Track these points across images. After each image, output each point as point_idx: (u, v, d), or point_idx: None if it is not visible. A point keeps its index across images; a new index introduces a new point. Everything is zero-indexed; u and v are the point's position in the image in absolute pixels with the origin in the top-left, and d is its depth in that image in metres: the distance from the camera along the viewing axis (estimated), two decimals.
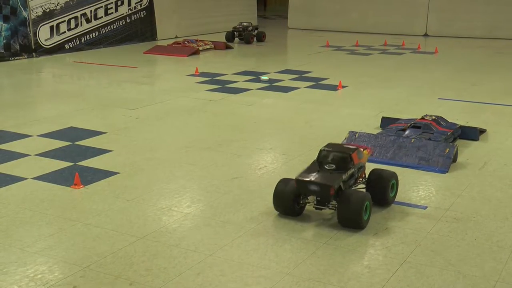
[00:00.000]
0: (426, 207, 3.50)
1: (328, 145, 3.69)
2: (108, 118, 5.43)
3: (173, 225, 3.25)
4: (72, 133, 4.94)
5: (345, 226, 3.28)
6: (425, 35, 11.97)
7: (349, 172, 3.49)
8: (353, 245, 3.04)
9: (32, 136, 4.86)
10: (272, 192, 3.43)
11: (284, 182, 3.53)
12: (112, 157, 4.38)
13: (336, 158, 3.51)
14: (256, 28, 11.50)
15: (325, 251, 2.96)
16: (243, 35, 11.23)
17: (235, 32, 11.29)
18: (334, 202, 3.39)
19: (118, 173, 4.04)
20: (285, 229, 3.21)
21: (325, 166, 3.48)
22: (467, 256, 2.90)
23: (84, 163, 4.23)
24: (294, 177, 3.39)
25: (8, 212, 3.42)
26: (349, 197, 3.30)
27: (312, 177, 3.39)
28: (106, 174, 4.02)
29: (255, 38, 11.45)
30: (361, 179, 3.70)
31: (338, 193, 3.35)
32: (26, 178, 3.94)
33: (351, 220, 3.26)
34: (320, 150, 3.60)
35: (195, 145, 4.68)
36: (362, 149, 3.67)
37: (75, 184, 3.80)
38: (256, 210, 3.46)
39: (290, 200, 3.41)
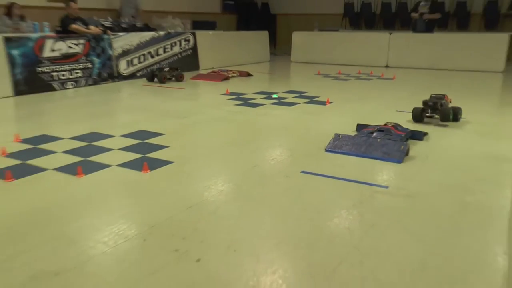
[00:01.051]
0: (388, 187, 3.49)
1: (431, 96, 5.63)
2: (166, 124, 5.46)
3: (211, 199, 3.27)
4: (142, 134, 4.97)
5: (443, 121, 5.35)
6: (386, 66, 11.92)
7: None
8: (338, 213, 3.04)
9: (115, 136, 4.91)
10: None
11: (416, 108, 5.50)
12: (169, 151, 4.41)
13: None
14: (176, 69, 9.23)
15: (319, 217, 2.97)
16: (158, 76, 9.03)
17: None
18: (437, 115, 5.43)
19: (173, 162, 4.07)
20: (290, 201, 3.22)
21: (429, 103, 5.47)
22: (416, 221, 2.91)
23: (150, 155, 4.26)
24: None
25: (100, 189, 3.47)
26: (444, 109, 5.35)
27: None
28: (165, 163, 4.05)
29: (173, 78, 9.11)
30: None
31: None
32: (111, 165, 3.98)
33: (445, 118, 5.32)
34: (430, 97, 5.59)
35: (226, 143, 4.71)
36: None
37: (144, 170, 3.83)
38: (269, 189, 3.46)
39: (420, 114, 5.46)
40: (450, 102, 5.98)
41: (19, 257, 2.48)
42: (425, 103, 5.48)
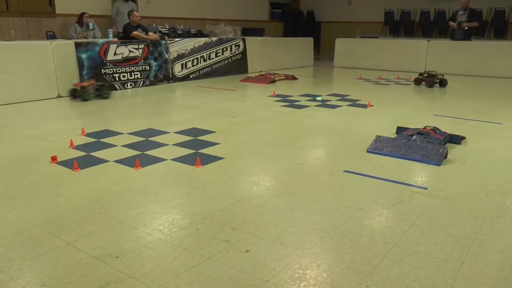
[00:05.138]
0: (427, 188, 3.38)
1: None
2: (217, 122, 5.47)
3: (260, 193, 3.25)
4: (194, 132, 5.00)
5: None
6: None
7: None
8: (379, 211, 2.97)
9: (170, 132, 4.96)
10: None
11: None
12: (219, 147, 4.41)
13: None
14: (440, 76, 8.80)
15: (361, 214, 2.90)
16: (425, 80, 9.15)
17: None
18: None
19: (224, 158, 4.07)
20: (334, 198, 3.16)
21: None
22: (454, 222, 2.79)
23: (202, 151, 4.28)
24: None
25: (156, 180, 3.50)
26: None
27: None
28: (216, 158, 4.05)
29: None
30: None
31: None
32: (166, 159, 4.02)
33: None
34: None
35: (273, 141, 4.68)
36: None
37: (197, 164, 3.85)
38: (314, 186, 3.40)
39: None
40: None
41: (84, 239, 2.52)
42: None
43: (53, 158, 3.94)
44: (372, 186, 3.42)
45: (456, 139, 4.63)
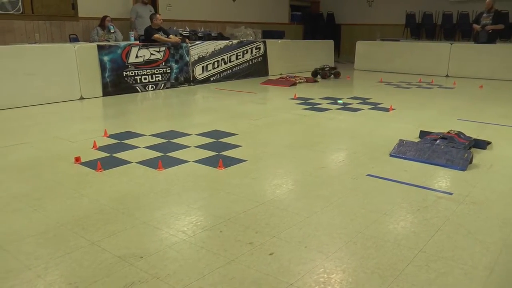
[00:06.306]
0: (452, 193, 3.33)
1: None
2: (238, 125, 5.48)
3: (283, 196, 3.24)
4: (216, 134, 5.01)
5: None
6: (447, 75, 11.46)
7: None
8: (403, 216, 2.93)
9: (192, 134, 4.98)
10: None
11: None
12: (241, 150, 4.42)
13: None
14: (335, 68, 10.29)
15: (385, 219, 2.87)
16: (321, 73, 10.50)
17: None
18: None
19: (246, 160, 4.07)
20: (358, 202, 3.13)
21: None
22: (482, 228, 2.75)
23: (224, 153, 4.29)
24: None
25: (179, 182, 3.52)
26: None
27: None
28: (239, 161, 4.06)
29: (332, 75, 10.45)
30: None
31: None
32: (189, 161, 4.03)
33: None
34: None
35: (295, 144, 4.66)
36: None
37: (219, 166, 3.86)
38: (337, 189, 3.38)
39: None
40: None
41: (108, 239, 2.55)
42: None
43: (77, 159, 3.99)
44: (395, 191, 3.38)
45: (482, 144, 4.56)
